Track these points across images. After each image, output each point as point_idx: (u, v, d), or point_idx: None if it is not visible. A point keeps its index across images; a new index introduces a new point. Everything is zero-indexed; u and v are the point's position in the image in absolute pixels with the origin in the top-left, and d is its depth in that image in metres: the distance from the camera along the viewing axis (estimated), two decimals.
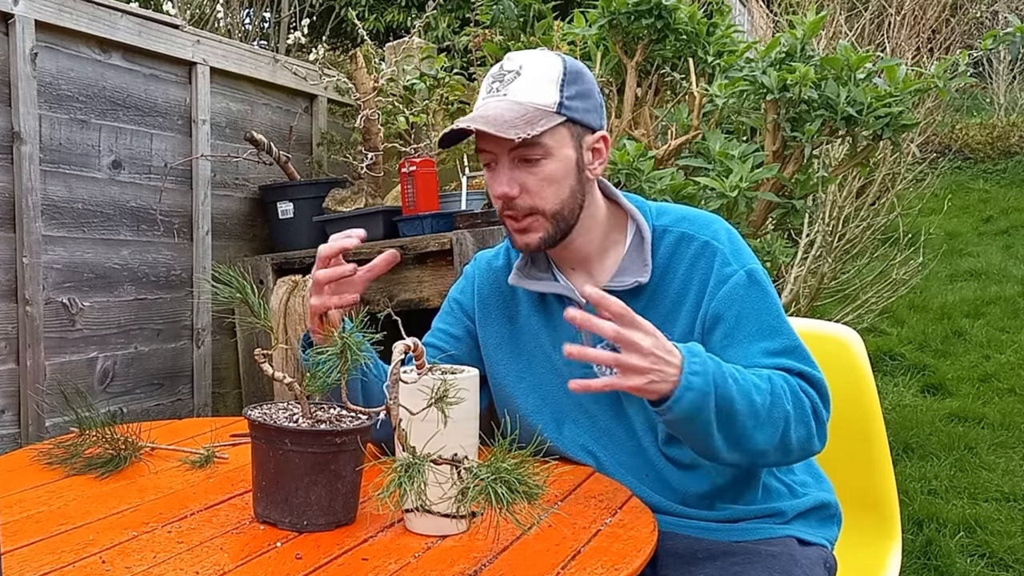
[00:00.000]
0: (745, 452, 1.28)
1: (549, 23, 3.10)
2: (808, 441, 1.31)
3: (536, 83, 1.36)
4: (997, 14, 9.79)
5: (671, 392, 1.20)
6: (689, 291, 1.39)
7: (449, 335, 1.56)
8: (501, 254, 1.56)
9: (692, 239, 1.41)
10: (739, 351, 1.34)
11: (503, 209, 1.40)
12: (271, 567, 1.01)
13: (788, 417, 1.27)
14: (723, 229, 1.43)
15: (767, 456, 1.30)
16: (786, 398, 1.28)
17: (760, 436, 1.26)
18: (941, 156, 7.04)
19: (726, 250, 1.39)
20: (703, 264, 1.39)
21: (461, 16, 6.29)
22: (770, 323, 1.36)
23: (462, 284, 1.60)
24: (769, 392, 1.27)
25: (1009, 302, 5.42)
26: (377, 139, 3.12)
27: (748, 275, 1.37)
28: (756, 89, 2.61)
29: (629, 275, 1.41)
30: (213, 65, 2.98)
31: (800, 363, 1.34)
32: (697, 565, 1.31)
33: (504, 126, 1.32)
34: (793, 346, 1.35)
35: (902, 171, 5.02)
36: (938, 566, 2.71)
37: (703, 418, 1.23)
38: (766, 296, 1.38)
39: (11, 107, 2.41)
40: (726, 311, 1.36)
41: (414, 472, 0.98)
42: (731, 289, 1.36)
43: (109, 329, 2.70)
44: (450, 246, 2.47)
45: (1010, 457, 3.51)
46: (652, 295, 1.41)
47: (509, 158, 1.36)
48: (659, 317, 1.39)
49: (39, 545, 1.06)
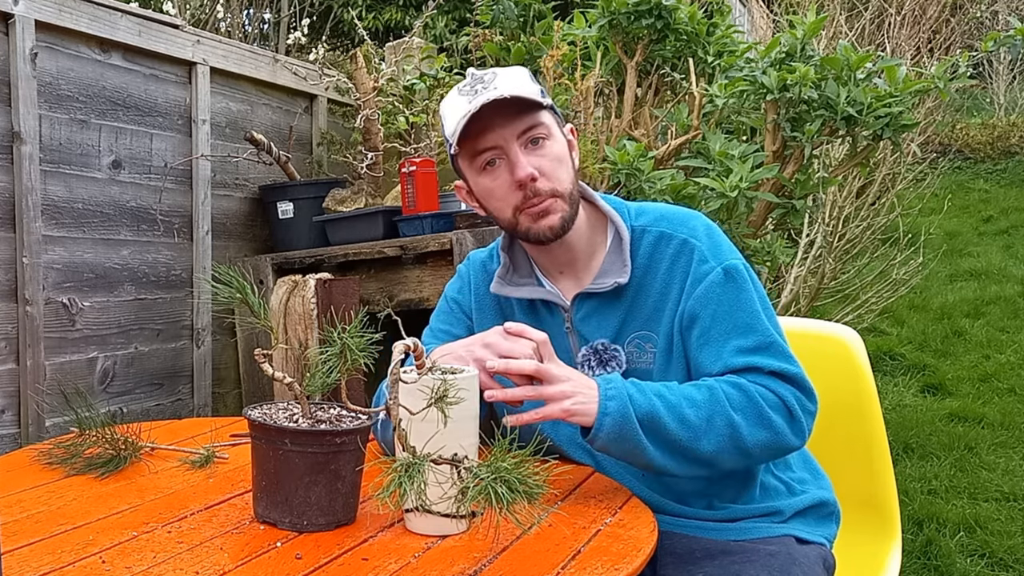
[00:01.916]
0: (695, 463, 1.29)
1: (549, 23, 3.10)
2: (775, 441, 1.30)
3: (516, 77, 1.39)
4: (997, 14, 9.80)
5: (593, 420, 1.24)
6: (671, 291, 1.40)
7: (452, 335, 1.54)
8: (495, 256, 1.55)
9: (671, 238, 1.41)
10: (713, 350, 1.35)
11: (523, 200, 1.38)
12: (271, 567, 1.01)
13: (733, 424, 1.27)
14: (702, 226, 1.43)
15: (722, 463, 1.30)
16: (730, 405, 1.28)
17: (704, 446, 1.27)
18: (941, 156, 7.04)
19: (704, 247, 1.39)
20: (682, 262, 1.39)
21: (459, 16, 6.29)
22: (745, 320, 1.35)
23: (458, 284, 1.59)
24: (707, 402, 1.27)
25: (1009, 302, 5.42)
26: (377, 139, 3.12)
27: (724, 272, 1.37)
28: (756, 89, 2.61)
29: (609, 277, 1.41)
30: (213, 65, 2.98)
31: (774, 359, 1.33)
32: (696, 564, 1.31)
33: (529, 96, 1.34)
34: (767, 343, 1.34)
35: (902, 171, 5.02)
36: (938, 566, 2.71)
37: (631, 439, 1.25)
38: (742, 293, 1.37)
39: (11, 107, 2.42)
40: (702, 310, 1.36)
41: (414, 472, 0.98)
42: (707, 288, 1.37)
43: (109, 329, 2.70)
44: (450, 246, 2.48)
45: (1010, 457, 3.51)
46: (634, 296, 1.41)
47: (519, 143, 1.37)
48: (642, 318, 1.40)
49: (39, 545, 1.06)
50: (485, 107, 1.33)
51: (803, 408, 1.32)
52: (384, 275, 2.74)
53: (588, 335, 1.44)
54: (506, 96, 1.33)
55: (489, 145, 1.37)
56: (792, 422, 1.31)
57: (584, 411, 1.24)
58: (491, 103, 1.32)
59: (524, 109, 1.36)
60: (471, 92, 1.37)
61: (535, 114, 1.37)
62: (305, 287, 2.59)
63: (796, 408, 1.31)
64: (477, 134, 1.36)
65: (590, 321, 1.43)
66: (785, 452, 1.36)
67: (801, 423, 1.32)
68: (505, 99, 1.32)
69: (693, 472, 1.32)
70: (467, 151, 1.39)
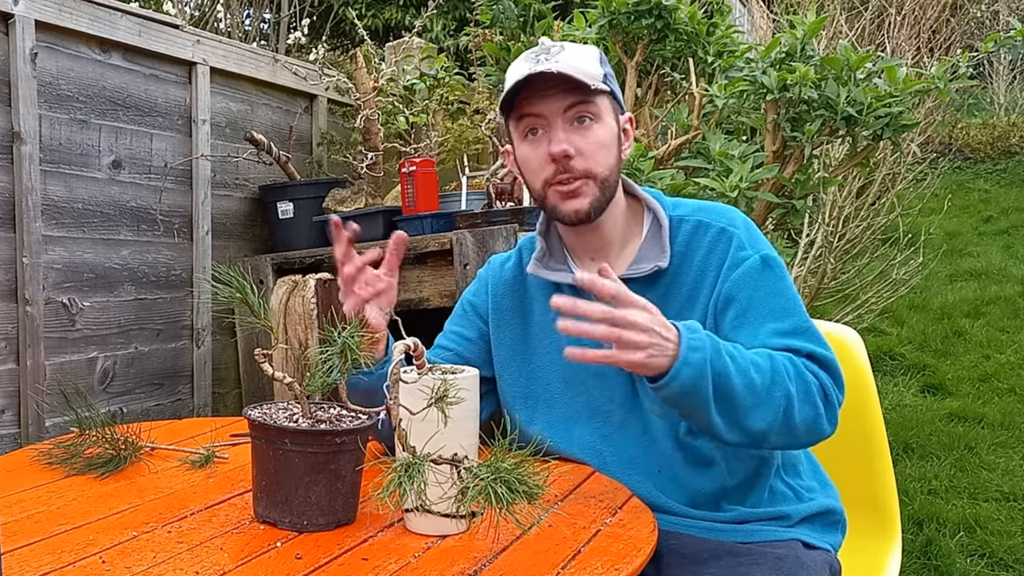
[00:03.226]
0: (745, 431, 1.27)
1: (549, 23, 3.10)
2: (815, 422, 1.29)
3: (582, 55, 1.39)
4: (997, 14, 9.80)
5: (669, 367, 1.20)
6: (706, 277, 1.40)
7: (463, 337, 1.56)
8: (514, 256, 1.57)
9: (709, 226, 1.42)
10: (749, 332, 1.34)
11: (554, 175, 1.38)
12: (271, 567, 1.01)
13: (790, 396, 1.26)
14: (739, 217, 1.44)
15: (769, 436, 1.28)
16: (788, 377, 1.27)
17: (759, 414, 1.25)
18: (941, 156, 7.04)
19: (743, 235, 1.40)
20: (720, 249, 1.40)
21: (458, 17, 6.29)
22: (781, 305, 1.36)
23: (475, 287, 1.60)
24: (770, 370, 1.26)
25: (1009, 302, 5.42)
26: (377, 139, 3.12)
27: (762, 260, 1.38)
28: (756, 89, 2.60)
29: (648, 261, 1.41)
30: (213, 65, 2.98)
31: (810, 343, 1.33)
32: (702, 565, 1.31)
33: (580, 75, 1.34)
34: (804, 327, 1.35)
35: (902, 171, 5.02)
36: (938, 566, 2.71)
37: (701, 394, 1.22)
38: (779, 280, 1.38)
39: (11, 107, 2.42)
40: (738, 293, 1.36)
41: (414, 472, 0.98)
42: (744, 272, 1.37)
43: (109, 329, 2.70)
44: (450, 246, 2.47)
45: (1010, 457, 3.51)
46: (671, 283, 1.41)
47: (563, 119, 1.37)
48: (677, 305, 1.39)
49: (39, 545, 1.06)
50: (536, 77, 1.34)
51: (835, 396, 1.32)
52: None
53: None
54: (557, 72, 1.33)
55: (534, 111, 1.38)
56: (828, 406, 1.31)
57: (655, 365, 1.19)
58: (540, 74, 1.33)
59: (577, 87, 1.35)
60: (534, 60, 1.38)
61: (588, 95, 1.37)
62: (305, 287, 2.59)
63: (832, 393, 1.32)
64: (525, 100, 1.37)
65: None
66: (820, 438, 1.34)
67: (834, 409, 1.32)
68: (555, 74, 1.33)
69: (738, 439, 1.29)
70: (514, 115, 1.41)
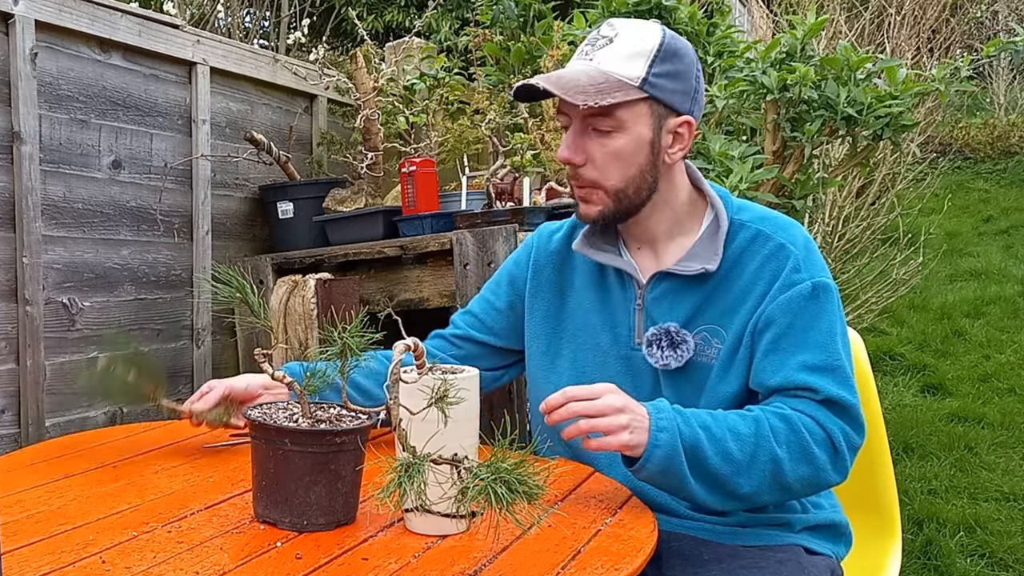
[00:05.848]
0: (733, 497, 1.28)
1: (549, 23, 3.10)
2: (815, 476, 1.28)
3: (625, 54, 1.33)
4: (997, 14, 9.80)
5: (642, 450, 1.22)
6: (754, 290, 1.36)
7: (492, 307, 1.55)
8: (565, 228, 1.54)
9: (768, 239, 1.38)
10: (778, 360, 1.32)
11: (569, 174, 1.40)
12: (271, 567, 1.01)
13: (777, 459, 1.25)
14: (801, 236, 1.40)
15: (760, 497, 1.29)
16: (775, 440, 1.26)
17: (743, 481, 1.25)
18: (941, 156, 7.04)
19: (800, 256, 1.36)
20: (773, 265, 1.36)
21: (461, 16, 6.28)
22: (818, 339, 1.32)
23: (519, 254, 1.58)
24: (752, 435, 1.25)
25: (1009, 302, 5.42)
26: (377, 139, 3.12)
27: (814, 287, 1.34)
28: (756, 89, 2.60)
29: (697, 261, 1.38)
30: (213, 65, 2.98)
31: (833, 384, 1.30)
32: (704, 566, 1.30)
33: (573, 90, 1.29)
34: (833, 365, 1.31)
35: (902, 171, 5.02)
36: (938, 566, 2.70)
37: (678, 472, 1.23)
38: (824, 312, 1.34)
39: (11, 107, 2.41)
40: (780, 317, 1.34)
41: (414, 472, 0.98)
42: (792, 297, 1.34)
43: (109, 329, 2.70)
44: (450, 246, 2.47)
45: (1010, 457, 3.51)
46: (716, 286, 1.38)
47: (582, 124, 1.35)
48: (717, 311, 1.37)
49: (39, 545, 1.06)
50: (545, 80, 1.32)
51: (848, 443, 1.30)
52: (384, 275, 2.74)
53: (658, 317, 1.40)
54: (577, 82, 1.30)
55: (563, 109, 1.37)
56: (835, 458, 1.29)
57: (638, 442, 1.22)
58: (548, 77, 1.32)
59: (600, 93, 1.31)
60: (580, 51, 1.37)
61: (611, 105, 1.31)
62: (305, 287, 2.59)
63: (841, 443, 1.29)
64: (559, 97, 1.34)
65: (663, 302, 1.40)
66: (824, 487, 1.34)
67: (844, 459, 1.30)
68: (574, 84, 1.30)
69: (731, 506, 1.30)
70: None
